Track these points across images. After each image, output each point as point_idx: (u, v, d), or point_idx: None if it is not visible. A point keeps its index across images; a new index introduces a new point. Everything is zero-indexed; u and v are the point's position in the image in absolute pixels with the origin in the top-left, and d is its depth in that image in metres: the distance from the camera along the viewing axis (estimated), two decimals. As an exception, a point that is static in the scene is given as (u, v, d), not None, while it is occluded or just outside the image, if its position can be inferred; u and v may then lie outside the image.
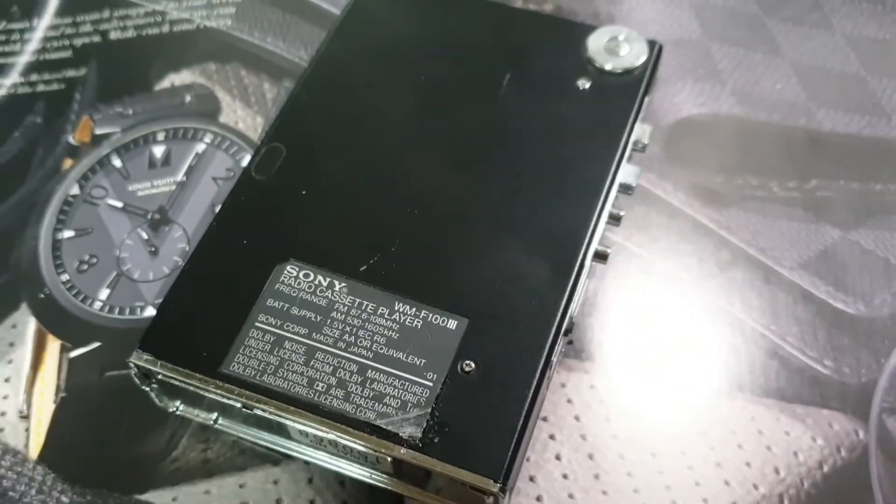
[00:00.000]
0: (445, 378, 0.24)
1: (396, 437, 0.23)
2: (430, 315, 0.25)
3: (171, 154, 0.34)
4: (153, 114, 0.36)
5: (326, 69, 0.31)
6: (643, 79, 0.30)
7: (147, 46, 0.38)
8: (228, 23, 0.38)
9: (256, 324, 0.25)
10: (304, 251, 0.26)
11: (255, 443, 0.26)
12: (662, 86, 0.36)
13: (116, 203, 0.33)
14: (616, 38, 0.31)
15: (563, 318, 0.25)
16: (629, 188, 0.28)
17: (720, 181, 0.34)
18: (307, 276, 0.26)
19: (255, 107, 0.36)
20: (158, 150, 0.35)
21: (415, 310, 0.25)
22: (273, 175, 0.28)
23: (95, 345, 0.30)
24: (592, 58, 0.30)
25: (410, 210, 0.27)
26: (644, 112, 0.30)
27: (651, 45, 0.31)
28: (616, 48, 0.31)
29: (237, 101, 0.36)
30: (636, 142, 0.29)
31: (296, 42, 0.38)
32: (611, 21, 0.38)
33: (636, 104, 0.29)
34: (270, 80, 0.37)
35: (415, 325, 0.25)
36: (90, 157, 0.34)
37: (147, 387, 0.26)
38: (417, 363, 0.24)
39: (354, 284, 0.26)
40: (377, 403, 0.24)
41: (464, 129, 0.29)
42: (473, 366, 0.24)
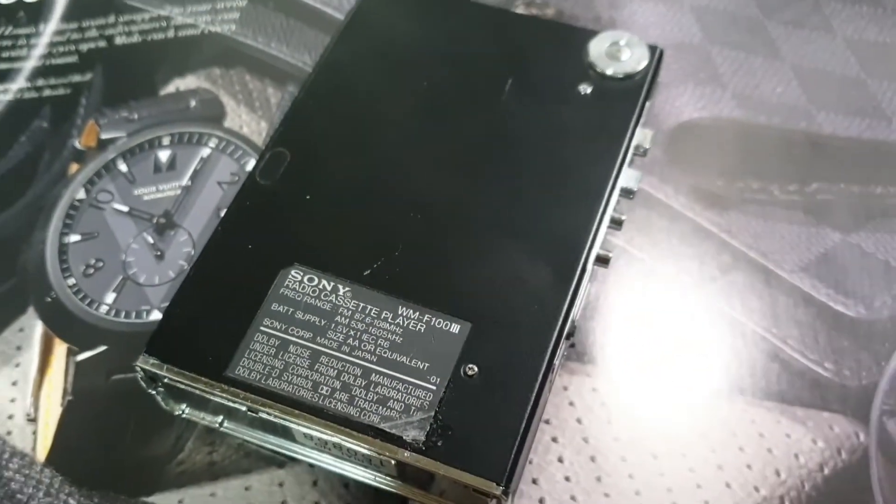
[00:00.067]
0: (448, 382, 0.24)
1: (400, 441, 0.23)
2: (434, 319, 0.25)
3: (177, 158, 0.35)
4: (158, 118, 0.36)
5: (330, 74, 0.31)
6: (644, 84, 0.30)
7: (152, 51, 0.38)
8: (233, 28, 0.39)
9: (261, 328, 0.25)
10: (309, 256, 0.26)
11: (261, 446, 0.26)
12: (663, 90, 0.36)
13: (122, 207, 0.33)
14: (617, 43, 0.31)
15: (565, 322, 0.25)
16: (630, 192, 0.28)
17: (721, 184, 0.35)
18: (311, 281, 0.26)
19: (260, 111, 0.36)
20: (164, 155, 0.35)
21: (418, 314, 0.25)
22: (277, 180, 0.28)
23: (102, 348, 0.30)
24: (594, 63, 0.30)
25: (413, 214, 0.27)
26: (645, 117, 0.30)
27: (652, 50, 0.31)
28: (617, 53, 0.31)
29: (241, 106, 0.36)
30: (637, 146, 0.29)
31: (299, 47, 0.38)
32: (612, 25, 0.39)
33: (637, 109, 0.30)
34: (274, 85, 0.37)
35: (418, 329, 0.25)
36: (96, 162, 0.35)
37: (153, 390, 0.26)
38: (421, 367, 0.24)
39: (358, 289, 0.26)
40: (381, 407, 0.24)
41: (466, 134, 0.29)
42: (476, 369, 0.24)
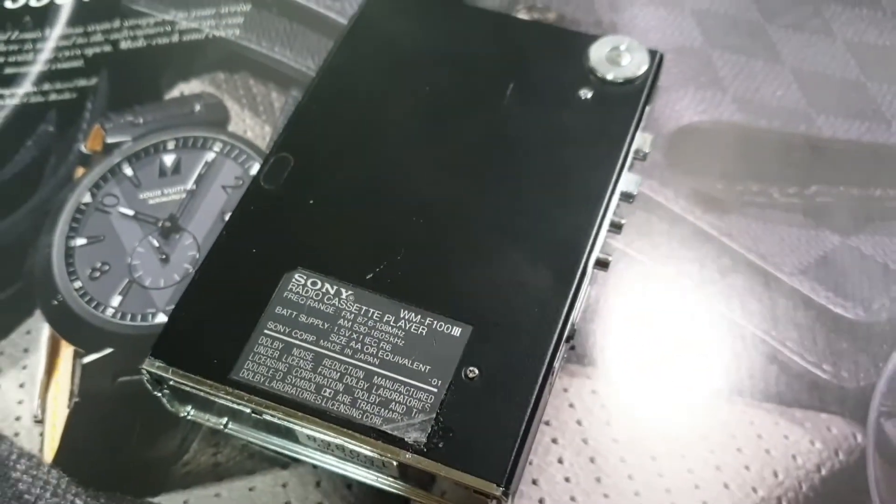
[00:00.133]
0: (450, 384, 0.24)
1: (402, 442, 0.23)
2: (435, 322, 0.25)
3: (181, 163, 0.35)
4: (163, 123, 0.36)
5: (333, 79, 0.31)
6: (644, 88, 0.30)
7: (157, 56, 0.38)
8: (237, 32, 0.39)
9: (265, 331, 0.25)
10: (312, 259, 0.26)
11: (265, 447, 0.27)
12: (664, 93, 0.37)
13: (128, 211, 0.34)
14: (617, 48, 0.31)
15: (565, 326, 0.26)
16: (630, 197, 0.29)
17: (721, 188, 0.35)
18: (315, 285, 0.26)
19: (264, 116, 0.36)
20: (169, 159, 0.35)
21: (420, 317, 0.25)
22: (281, 185, 0.28)
23: (108, 351, 0.31)
24: (594, 68, 0.31)
25: (416, 219, 0.27)
26: (645, 121, 0.30)
27: (652, 55, 0.31)
28: (617, 58, 0.31)
29: (246, 111, 0.36)
30: (637, 151, 0.29)
31: (303, 51, 0.38)
32: (613, 29, 0.39)
33: (637, 114, 0.30)
34: (278, 90, 0.37)
35: (420, 333, 0.25)
36: (102, 166, 0.35)
37: (159, 392, 0.26)
38: (422, 369, 0.25)
39: (361, 292, 0.26)
40: (383, 409, 0.24)
41: (468, 139, 0.29)
42: (477, 372, 0.24)
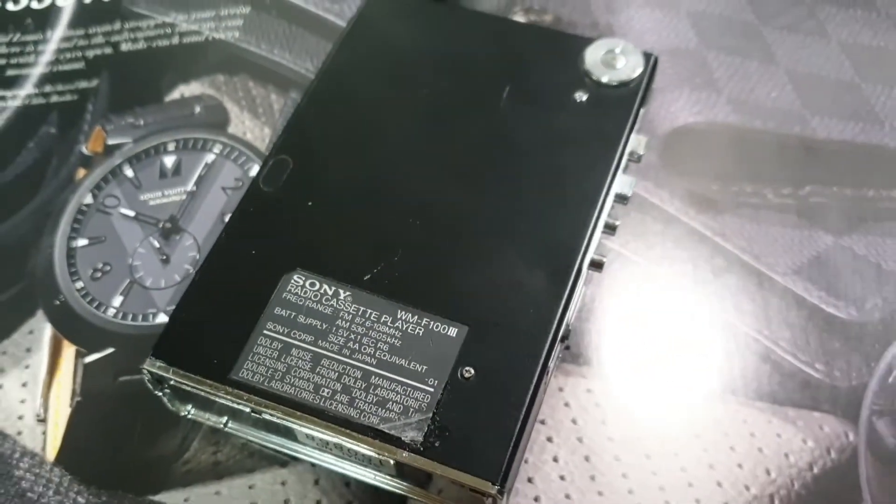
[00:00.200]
0: (446, 384, 0.25)
1: (399, 441, 0.24)
2: (432, 323, 0.26)
3: (182, 164, 0.35)
4: (164, 124, 0.36)
5: (331, 82, 0.31)
6: (638, 91, 0.30)
7: (157, 58, 0.38)
8: (236, 35, 0.39)
9: (264, 332, 0.25)
10: (311, 261, 0.27)
11: (264, 446, 0.27)
12: (659, 94, 0.37)
13: (129, 212, 0.34)
14: (612, 51, 0.31)
15: (560, 326, 0.26)
16: (624, 198, 0.29)
17: (715, 188, 0.35)
18: (313, 286, 0.26)
19: (263, 118, 0.36)
20: (169, 161, 0.35)
21: (417, 318, 0.26)
22: (280, 187, 0.28)
23: (109, 350, 0.31)
24: (589, 70, 0.31)
25: (413, 220, 0.28)
26: (640, 123, 0.31)
27: (647, 58, 0.31)
28: (612, 61, 0.31)
29: (245, 112, 0.37)
30: (632, 153, 0.30)
31: (302, 54, 0.38)
32: (609, 31, 0.39)
33: (631, 116, 0.30)
34: (277, 92, 0.37)
35: (417, 333, 0.26)
36: (103, 167, 0.35)
37: (160, 392, 0.26)
38: (419, 369, 0.25)
39: (359, 293, 0.26)
40: (380, 408, 0.24)
41: (465, 141, 0.30)
42: (473, 372, 0.25)
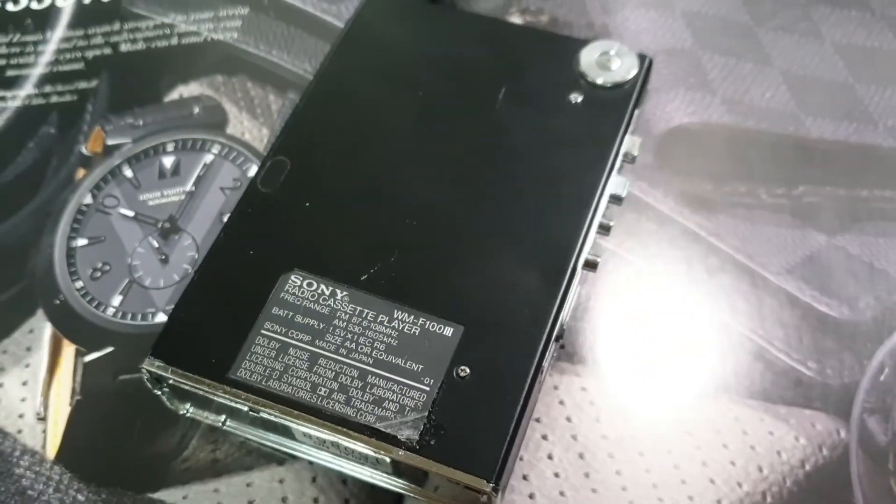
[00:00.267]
0: (442, 383, 0.25)
1: (395, 440, 0.24)
2: (428, 322, 0.26)
3: (181, 164, 0.35)
4: (163, 125, 0.36)
5: (329, 83, 0.31)
6: (633, 93, 0.31)
7: (156, 59, 0.39)
8: (235, 36, 0.39)
9: (262, 331, 0.26)
10: (308, 261, 0.27)
11: (262, 444, 0.27)
12: (654, 95, 0.37)
13: (128, 212, 0.34)
14: (607, 53, 0.31)
15: (554, 326, 0.26)
16: (619, 199, 0.29)
17: (710, 188, 0.35)
18: (311, 286, 0.27)
19: (261, 118, 0.37)
20: (168, 161, 0.35)
21: (413, 317, 0.26)
22: (278, 188, 0.29)
23: (109, 349, 0.31)
24: (584, 72, 0.31)
25: (409, 221, 0.28)
26: (634, 124, 0.31)
27: (641, 59, 0.31)
28: (607, 62, 0.31)
29: (244, 113, 0.37)
30: (626, 154, 0.30)
31: (300, 55, 0.38)
32: (605, 31, 0.39)
33: (626, 118, 0.30)
34: (276, 92, 0.37)
35: (413, 332, 0.26)
36: (102, 168, 0.35)
37: (159, 391, 0.26)
38: (415, 369, 0.25)
39: (356, 293, 0.26)
40: (377, 407, 0.25)
41: (461, 142, 0.30)
42: (468, 371, 0.25)
